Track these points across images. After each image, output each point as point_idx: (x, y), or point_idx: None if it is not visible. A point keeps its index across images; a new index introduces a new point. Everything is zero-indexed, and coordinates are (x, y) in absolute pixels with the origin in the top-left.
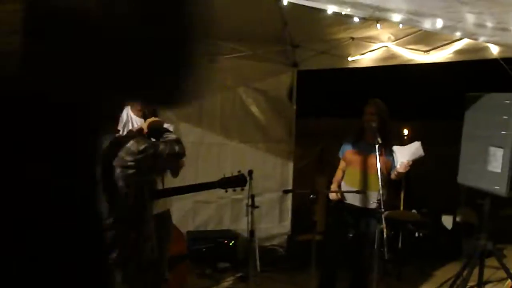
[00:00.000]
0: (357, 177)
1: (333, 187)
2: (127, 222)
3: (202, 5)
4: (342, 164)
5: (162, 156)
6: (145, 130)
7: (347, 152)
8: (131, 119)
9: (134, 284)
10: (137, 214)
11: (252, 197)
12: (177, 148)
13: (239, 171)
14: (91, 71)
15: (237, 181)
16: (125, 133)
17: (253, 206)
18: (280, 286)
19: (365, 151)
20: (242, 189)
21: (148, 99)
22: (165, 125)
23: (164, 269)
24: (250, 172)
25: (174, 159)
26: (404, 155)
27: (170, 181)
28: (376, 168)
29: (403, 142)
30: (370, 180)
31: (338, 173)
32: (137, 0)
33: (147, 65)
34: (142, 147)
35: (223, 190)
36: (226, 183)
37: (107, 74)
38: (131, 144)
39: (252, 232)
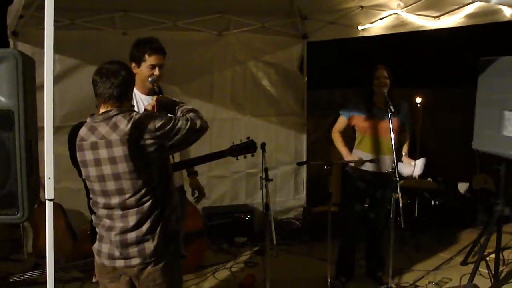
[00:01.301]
0: (371, 143)
1: (337, 140)
2: (155, 195)
3: None
4: (342, 121)
5: (181, 132)
6: (155, 107)
7: (357, 117)
8: (135, 96)
9: (162, 255)
10: (162, 187)
11: (266, 170)
12: (198, 122)
13: (248, 137)
14: None
15: (246, 147)
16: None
17: (267, 179)
18: (297, 258)
19: (377, 117)
20: (253, 155)
21: None
22: None
23: (182, 245)
24: (263, 145)
25: (196, 134)
26: (410, 171)
27: (188, 154)
28: (389, 133)
29: (416, 110)
30: (384, 145)
31: (340, 128)
32: None
33: None
34: (158, 124)
35: (237, 164)
36: (236, 150)
37: None
38: (148, 122)
39: (267, 206)
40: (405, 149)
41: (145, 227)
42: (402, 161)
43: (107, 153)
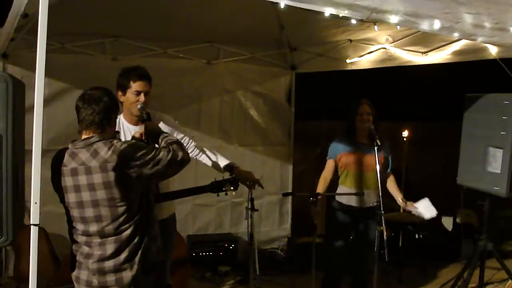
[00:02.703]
0: (355, 178)
1: (320, 186)
2: (134, 224)
3: None
4: (331, 165)
5: (162, 162)
6: (143, 134)
7: (341, 154)
8: (123, 126)
9: (141, 284)
10: (142, 216)
11: (252, 200)
12: (180, 154)
13: (231, 175)
14: None
15: (227, 184)
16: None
17: (253, 209)
18: None
19: (361, 151)
20: (234, 193)
21: None
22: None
23: (167, 274)
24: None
25: (177, 166)
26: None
27: (169, 185)
28: (374, 168)
29: (402, 143)
30: (368, 180)
31: (327, 174)
32: None
33: None
34: (139, 153)
35: (222, 193)
36: (216, 186)
37: None
38: (129, 151)
39: (251, 235)
40: (398, 195)
41: (123, 256)
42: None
43: (86, 179)
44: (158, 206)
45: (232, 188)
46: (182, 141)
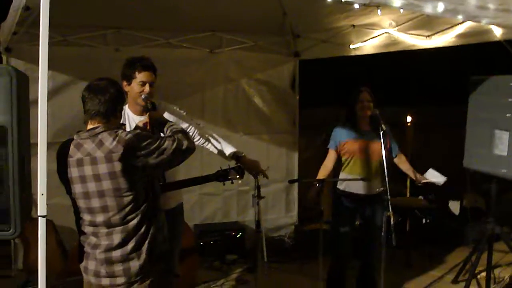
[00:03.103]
0: (360, 166)
1: (321, 174)
2: (140, 214)
3: None
4: (333, 154)
5: (167, 152)
6: (147, 124)
7: (344, 142)
8: (128, 116)
9: (149, 274)
10: (148, 206)
11: (258, 187)
12: (185, 143)
13: (236, 163)
14: None
15: (232, 173)
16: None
17: (259, 196)
18: (288, 276)
19: (364, 138)
20: (240, 181)
21: None
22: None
23: (176, 264)
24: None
25: (182, 155)
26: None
27: (175, 174)
28: (379, 154)
29: (406, 128)
30: (374, 167)
31: (328, 163)
32: None
33: None
34: (144, 143)
35: (228, 182)
36: (222, 175)
37: None
38: (134, 141)
39: (258, 223)
40: (412, 173)
41: (130, 246)
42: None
43: (91, 170)
44: (165, 196)
45: (238, 176)
46: (188, 130)
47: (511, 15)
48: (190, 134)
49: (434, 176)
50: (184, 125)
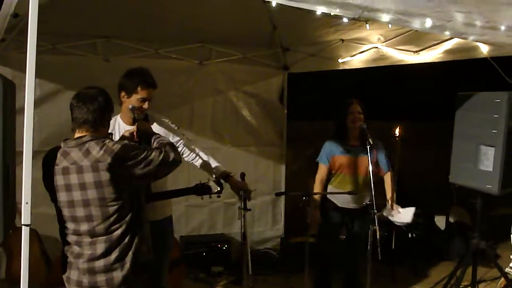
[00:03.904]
0: (349, 181)
1: (317, 190)
2: (125, 224)
3: None
4: (324, 169)
5: (153, 163)
6: (135, 134)
7: (335, 157)
8: (119, 126)
9: (132, 285)
10: (133, 216)
11: (245, 200)
12: (172, 155)
13: (215, 177)
14: None
15: (211, 188)
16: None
17: (246, 209)
18: None
19: (353, 154)
20: (218, 196)
21: None
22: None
23: (164, 278)
24: (243, 175)
25: (169, 167)
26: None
27: (165, 186)
28: (367, 170)
29: (394, 142)
30: (362, 182)
31: (323, 177)
32: None
33: None
34: (131, 153)
35: (207, 196)
36: (201, 189)
37: None
38: (120, 150)
39: (244, 235)
40: (389, 194)
41: (113, 256)
42: (389, 209)
43: (77, 178)
44: (152, 207)
45: (217, 191)
46: (177, 144)
47: (497, 33)
48: (180, 149)
49: (405, 214)
50: (175, 139)
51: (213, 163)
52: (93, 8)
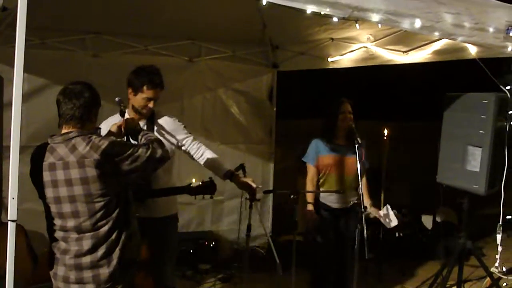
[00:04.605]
0: (336, 181)
1: (309, 187)
2: (112, 221)
3: None
4: (313, 169)
5: (140, 159)
6: (122, 127)
7: (321, 157)
8: None
9: (119, 281)
10: (120, 212)
11: (252, 196)
12: (159, 152)
13: (210, 178)
14: None
15: (205, 188)
16: None
17: (254, 199)
18: (261, 286)
19: (341, 154)
20: (211, 197)
21: None
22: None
23: (168, 277)
24: (243, 167)
25: (156, 163)
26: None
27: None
28: (354, 169)
29: (382, 142)
30: (349, 182)
31: (314, 176)
32: None
33: None
34: (118, 149)
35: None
36: (193, 189)
37: None
38: (107, 146)
39: (249, 227)
40: (367, 199)
41: (100, 252)
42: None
43: (64, 174)
44: (154, 204)
45: (209, 192)
46: (184, 141)
47: (485, 34)
48: (187, 145)
49: (390, 216)
50: (181, 136)
51: (220, 163)
52: (83, 3)
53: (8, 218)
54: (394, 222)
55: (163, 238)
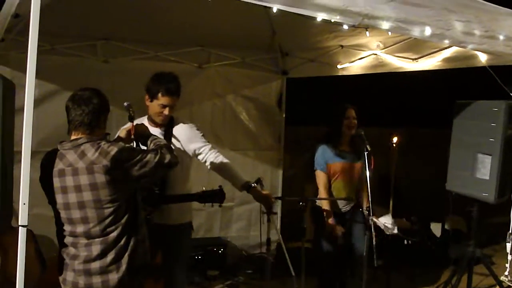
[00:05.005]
0: (343, 187)
1: (323, 194)
2: (121, 226)
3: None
4: (324, 176)
5: (149, 165)
6: (131, 132)
7: (330, 164)
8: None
9: (128, 285)
10: (129, 218)
11: (269, 209)
12: (168, 157)
13: (220, 186)
14: None
15: (213, 196)
16: None
17: (271, 212)
18: None
19: (346, 160)
20: (220, 206)
21: None
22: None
23: (178, 283)
24: (260, 181)
25: (165, 168)
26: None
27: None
28: (358, 175)
29: (392, 149)
30: (354, 187)
31: (326, 185)
32: None
33: None
34: (126, 155)
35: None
36: (202, 197)
37: None
38: (116, 152)
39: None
40: (365, 205)
41: (109, 258)
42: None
43: (73, 181)
44: (168, 211)
45: (218, 200)
46: (201, 150)
47: (495, 42)
48: (204, 154)
49: (389, 223)
50: (198, 145)
51: (238, 174)
52: (93, 9)
53: (19, 224)
54: (393, 229)
55: (176, 245)
